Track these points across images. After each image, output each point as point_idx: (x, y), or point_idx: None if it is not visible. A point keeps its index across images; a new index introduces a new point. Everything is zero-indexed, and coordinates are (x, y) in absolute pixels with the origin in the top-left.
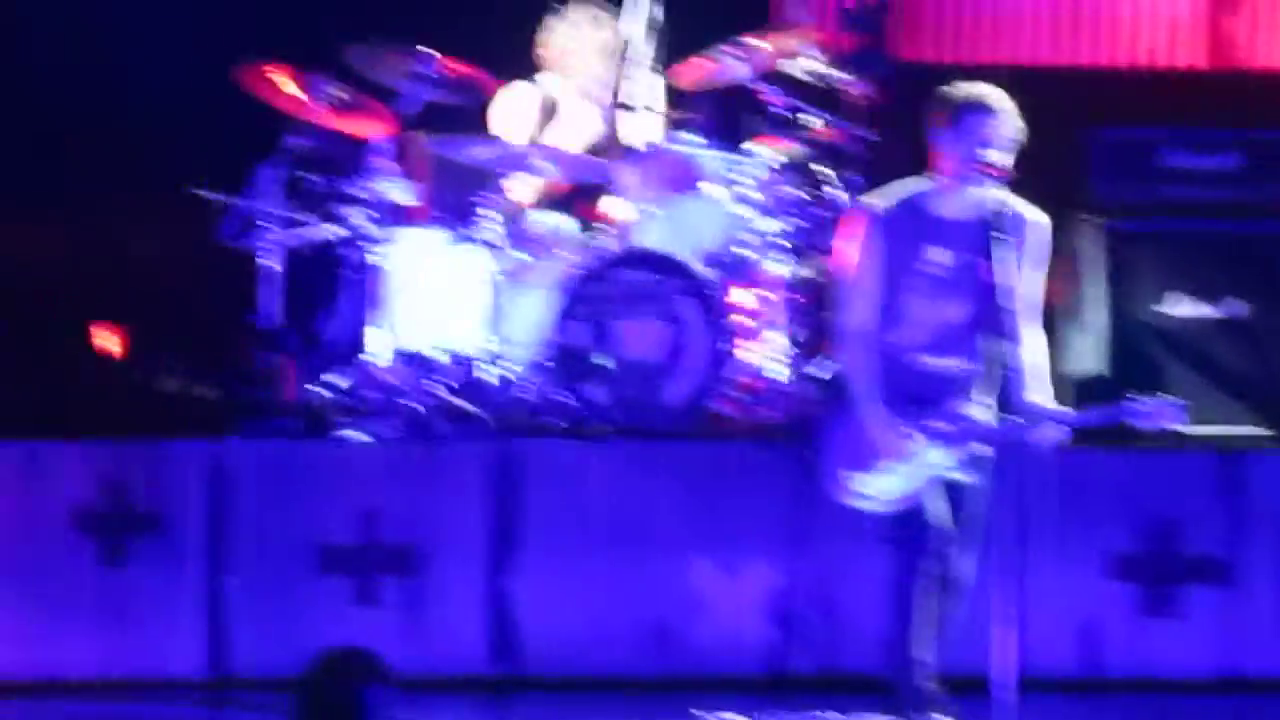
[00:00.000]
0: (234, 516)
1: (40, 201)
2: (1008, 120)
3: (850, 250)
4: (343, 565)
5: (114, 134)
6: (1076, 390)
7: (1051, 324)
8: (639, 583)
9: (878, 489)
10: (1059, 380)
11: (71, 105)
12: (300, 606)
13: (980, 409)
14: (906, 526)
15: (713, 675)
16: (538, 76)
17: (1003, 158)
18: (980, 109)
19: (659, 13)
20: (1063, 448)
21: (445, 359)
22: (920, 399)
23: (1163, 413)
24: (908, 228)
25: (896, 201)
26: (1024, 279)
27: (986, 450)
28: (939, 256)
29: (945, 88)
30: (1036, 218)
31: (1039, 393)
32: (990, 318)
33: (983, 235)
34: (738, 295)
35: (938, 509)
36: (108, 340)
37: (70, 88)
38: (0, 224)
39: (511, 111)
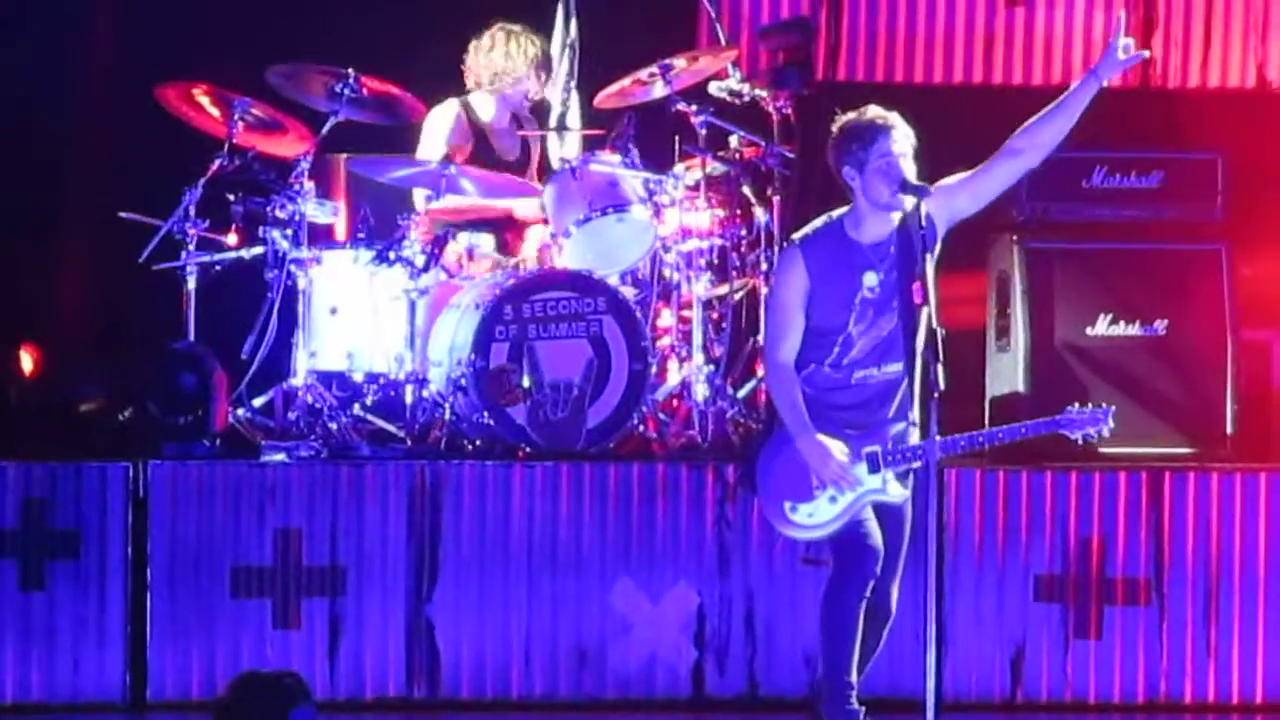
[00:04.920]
0: (154, 539)
1: None
2: (904, 134)
3: (774, 283)
4: (263, 587)
5: (35, 156)
6: (998, 409)
7: (974, 343)
8: (560, 605)
9: (818, 517)
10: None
11: None
12: (220, 628)
13: (912, 431)
14: (846, 551)
15: (634, 698)
16: (466, 96)
17: (907, 169)
18: (877, 130)
19: (575, 32)
20: (986, 468)
21: (364, 379)
22: (854, 423)
23: (1093, 419)
24: (832, 257)
25: (815, 232)
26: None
27: (916, 465)
28: (867, 281)
29: (840, 119)
30: (934, 201)
31: None
32: (916, 330)
33: (901, 250)
34: (659, 315)
35: (874, 532)
36: (26, 361)
37: None
38: None
39: (439, 129)
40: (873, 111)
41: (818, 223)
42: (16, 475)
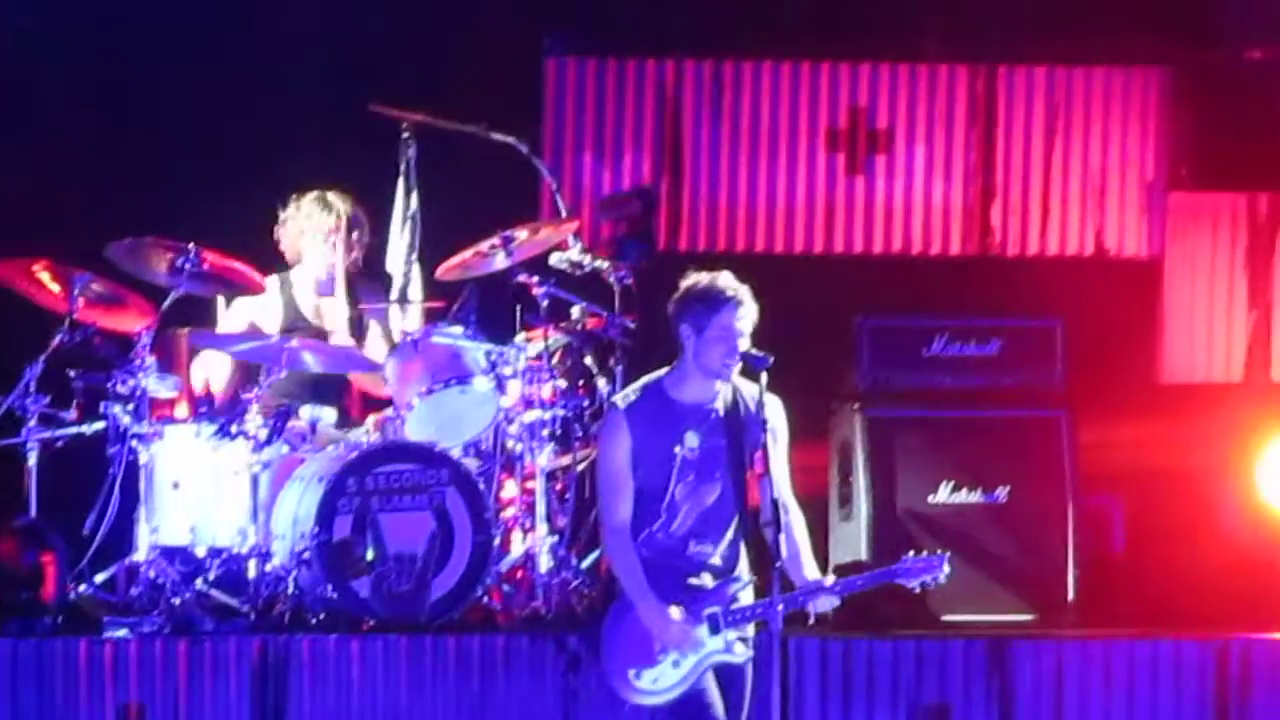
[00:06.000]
0: None
1: None
2: (749, 310)
3: (599, 448)
4: None
5: None
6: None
7: (816, 512)
8: None
9: (662, 681)
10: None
11: None
12: None
13: (749, 590)
14: (687, 717)
15: None
16: (288, 271)
17: (741, 344)
18: (723, 299)
19: (416, 204)
20: (827, 636)
21: (207, 554)
22: (692, 586)
23: (928, 566)
24: (653, 417)
25: (634, 393)
26: (771, 458)
27: (753, 631)
28: (688, 441)
29: (691, 278)
30: (770, 399)
31: (806, 565)
32: (746, 500)
33: (726, 419)
34: (503, 486)
35: (715, 702)
36: None
37: None
38: None
39: (251, 306)
40: (724, 279)
41: (638, 384)
42: None
